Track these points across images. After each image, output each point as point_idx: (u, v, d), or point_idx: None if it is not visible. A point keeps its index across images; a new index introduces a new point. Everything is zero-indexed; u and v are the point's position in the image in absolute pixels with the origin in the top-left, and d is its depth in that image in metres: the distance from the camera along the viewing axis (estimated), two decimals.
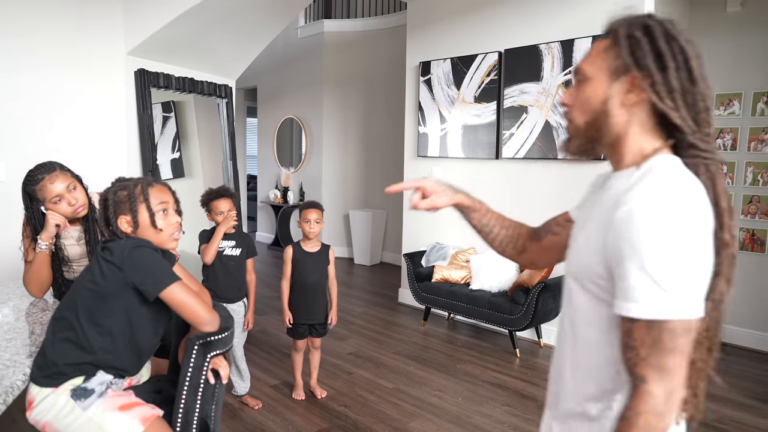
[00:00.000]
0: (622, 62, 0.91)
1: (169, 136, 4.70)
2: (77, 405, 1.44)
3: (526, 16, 4.13)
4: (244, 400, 3.04)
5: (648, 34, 0.90)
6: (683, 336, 0.82)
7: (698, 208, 0.83)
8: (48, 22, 3.49)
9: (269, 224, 8.42)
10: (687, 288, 0.81)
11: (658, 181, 0.85)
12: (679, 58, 0.89)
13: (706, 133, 0.90)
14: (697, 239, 0.82)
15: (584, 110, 0.97)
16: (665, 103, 0.89)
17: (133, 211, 1.56)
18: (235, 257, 2.92)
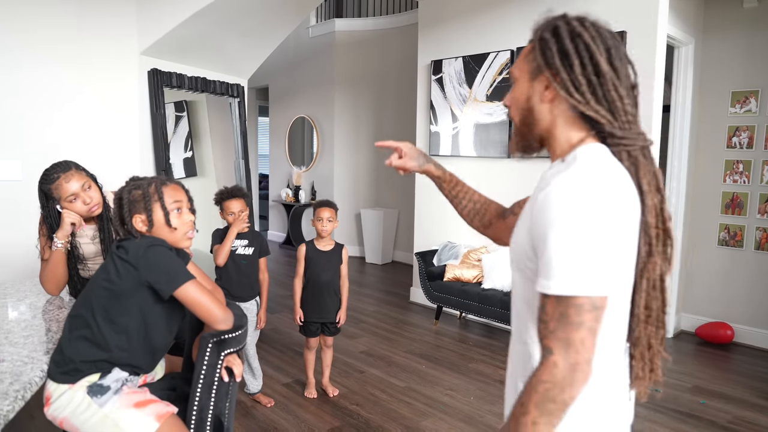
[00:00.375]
0: (536, 63, 1.00)
1: (182, 135, 4.73)
2: (93, 401, 1.46)
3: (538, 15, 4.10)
4: (256, 398, 3.06)
5: (555, 35, 0.98)
6: (589, 312, 0.86)
7: (610, 194, 0.89)
8: (63, 24, 3.52)
9: (281, 223, 8.46)
10: (592, 267, 0.86)
11: (578, 168, 0.92)
12: (584, 54, 0.95)
13: (623, 121, 0.96)
14: (605, 222, 0.87)
15: (516, 109, 1.06)
16: (574, 97, 0.96)
17: (147, 210, 1.57)
18: (247, 256, 2.93)
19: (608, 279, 0.88)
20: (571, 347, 0.86)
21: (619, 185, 0.92)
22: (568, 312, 0.87)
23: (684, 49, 4.10)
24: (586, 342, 0.86)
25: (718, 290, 4.23)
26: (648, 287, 0.98)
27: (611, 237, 0.88)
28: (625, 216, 0.92)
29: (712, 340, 4.10)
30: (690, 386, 3.36)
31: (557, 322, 0.87)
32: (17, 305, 2.09)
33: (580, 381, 0.87)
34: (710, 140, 4.23)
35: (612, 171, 0.93)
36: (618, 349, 1.01)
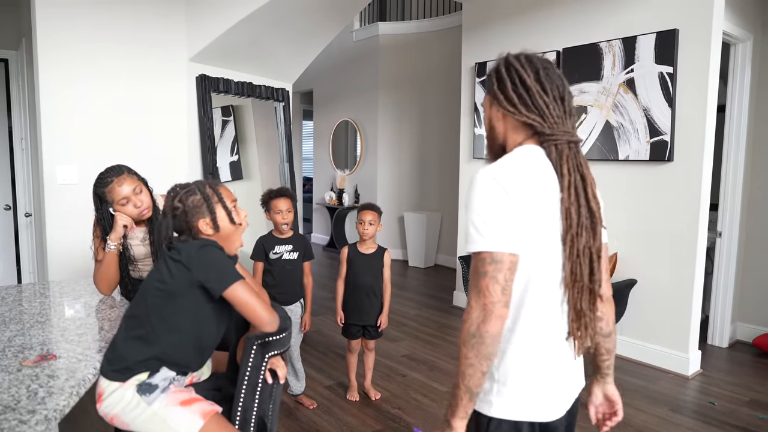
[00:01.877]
0: (490, 94, 1.29)
1: (228, 139, 4.83)
2: (142, 399, 1.50)
3: (586, 14, 4.02)
4: (299, 399, 3.09)
5: (496, 71, 1.27)
6: (490, 264, 1.10)
7: (510, 177, 1.13)
8: (119, 36, 3.66)
9: (324, 226, 8.53)
10: (489, 229, 1.11)
11: (498, 161, 1.20)
12: (515, 76, 1.23)
13: (551, 123, 1.21)
14: (499, 197, 1.11)
15: (485, 129, 1.36)
16: (509, 110, 1.23)
17: (211, 212, 1.62)
18: (292, 261, 2.95)
19: (505, 240, 1.10)
20: (480, 293, 1.10)
21: (527, 171, 1.17)
22: (476, 265, 1.12)
23: (741, 46, 3.94)
24: (489, 288, 1.09)
25: None
26: (572, 255, 1.18)
27: (505, 209, 1.11)
28: (531, 195, 1.14)
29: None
30: (747, 399, 3.21)
31: (473, 274, 1.13)
32: (73, 304, 2.17)
33: (491, 318, 1.08)
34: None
35: (524, 161, 1.18)
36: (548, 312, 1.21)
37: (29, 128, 3.98)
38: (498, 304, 1.09)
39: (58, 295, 2.31)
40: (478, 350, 1.09)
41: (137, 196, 2.21)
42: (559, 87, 1.24)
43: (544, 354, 1.22)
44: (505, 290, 1.10)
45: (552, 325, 1.22)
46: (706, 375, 3.56)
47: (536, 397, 1.21)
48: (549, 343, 1.22)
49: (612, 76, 3.84)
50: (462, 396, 1.13)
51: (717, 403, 3.13)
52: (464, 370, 1.11)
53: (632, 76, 3.71)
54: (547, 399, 1.22)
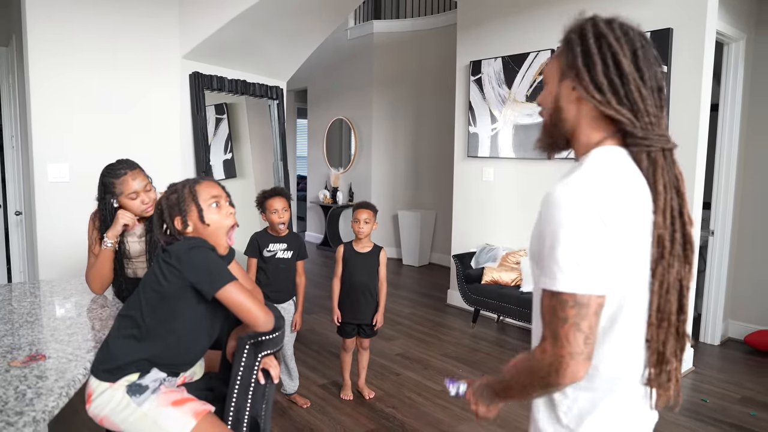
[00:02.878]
0: (564, 64, 1.02)
1: (222, 137, 4.81)
2: (132, 400, 1.49)
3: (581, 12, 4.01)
4: (292, 398, 3.08)
5: (581, 36, 1.00)
6: (572, 309, 0.90)
7: (606, 200, 0.91)
8: (108, 31, 3.63)
9: (318, 224, 8.52)
10: (578, 267, 0.90)
11: (582, 171, 0.96)
12: (607, 54, 0.96)
13: (645, 122, 0.97)
14: (594, 227, 0.90)
15: (546, 108, 1.08)
16: (595, 98, 0.97)
17: (182, 210, 1.61)
18: (286, 260, 2.94)
19: (594, 279, 0.90)
20: (557, 340, 0.91)
21: (625, 189, 0.95)
22: (555, 307, 0.92)
23: (734, 46, 3.95)
24: (569, 337, 0.90)
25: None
26: (660, 289, 0.99)
27: (599, 241, 0.91)
28: (628, 220, 0.93)
29: (763, 349, 3.92)
30: (739, 397, 3.22)
31: (550, 315, 0.93)
32: (63, 303, 2.15)
33: (566, 372, 0.91)
34: (762, 140, 4.05)
35: (620, 175, 0.96)
36: (634, 356, 1.02)
37: (20, 126, 3.94)
38: (579, 357, 0.91)
39: (48, 294, 2.29)
40: (545, 392, 0.98)
41: (146, 193, 2.22)
42: (657, 74, 0.98)
43: (623, 402, 1.02)
44: (588, 340, 0.91)
45: (634, 368, 1.03)
46: (698, 372, 3.57)
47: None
48: (629, 390, 1.03)
49: None
50: (511, 397, 1.06)
51: (709, 401, 3.14)
52: (522, 394, 1.02)
53: None
54: None
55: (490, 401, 1.15)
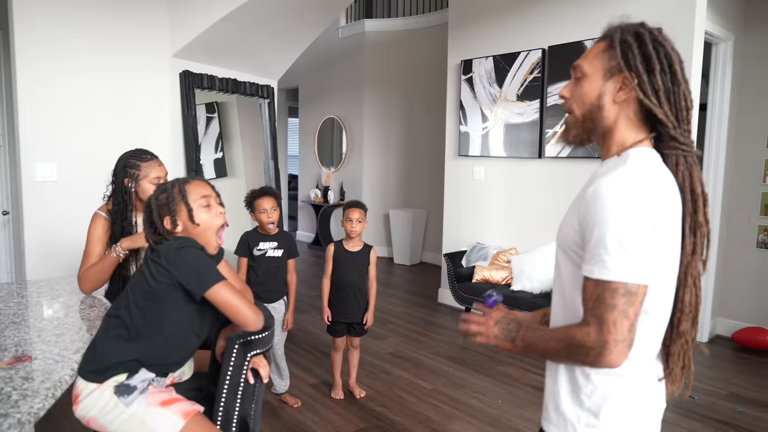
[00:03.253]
0: (616, 63, 1.05)
1: (213, 136, 4.79)
2: (120, 401, 1.48)
3: (571, 13, 4.03)
4: (283, 398, 3.07)
5: (638, 40, 1.03)
6: (623, 297, 0.95)
7: (653, 194, 0.97)
8: (97, 30, 3.60)
9: (310, 223, 8.50)
10: (629, 256, 0.95)
11: (628, 168, 1.00)
12: (665, 62, 1.02)
13: (685, 129, 1.04)
14: (645, 220, 0.95)
15: (582, 103, 1.10)
16: (651, 100, 1.02)
17: (172, 210, 1.60)
18: (276, 258, 2.94)
19: (643, 269, 0.96)
20: (604, 326, 0.95)
21: (664, 187, 1.00)
22: (603, 295, 0.96)
23: (723, 46, 3.98)
24: (617, 324, 0.95)
25: (756, 294, 4.09)
26: (691, 283, 1.06)
27: (648, 233, 0.96)
28: (667, 216, 0.99)
29: (750, 346, 3.96)
30: (726, 393, 3.25)
31: (594, 302, 0.97)
32: (51, 303, 2.13)
33: (608, 357, 0.96)
34: (749, 140, 4.09)
35: (658, 174, 1.01)
36: (655, 346, 1.09)
37: (7, 125, 3.90)
38: (622, 344, 0.95)
39: (35, 294, 2.26)
40: (568, 362, 1.04)
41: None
42: (690, 89, 1.05)
43: (643, 388, 1.08)
44: (632, 327, 0.96)
45: (654, 357, 1.09)
46: None
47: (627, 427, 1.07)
48: (648, 377, 1.09)
49: None
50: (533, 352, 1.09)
51: (697, 397, 3.17)
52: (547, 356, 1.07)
53: None
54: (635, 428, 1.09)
55: (507, 337, 1.15)
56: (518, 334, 1.13)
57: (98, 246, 2.22)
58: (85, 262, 2.22)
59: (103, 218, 2.25)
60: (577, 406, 1.08)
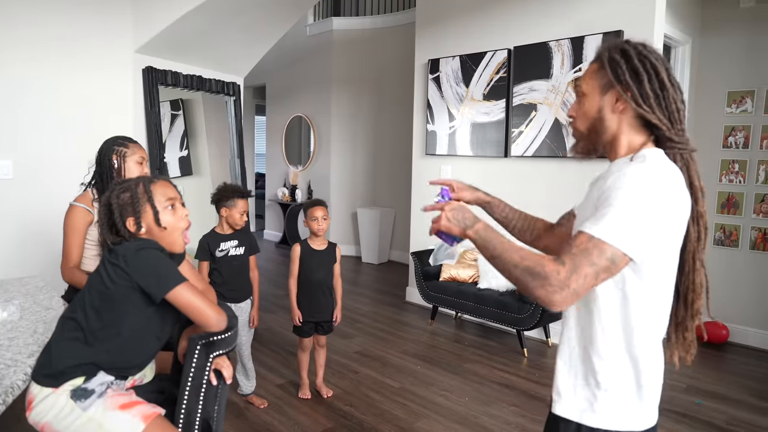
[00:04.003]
0: (608, 80, 1.16)
1: (178, 134, 4.70)
2: (77, 405, 1.43)
3: (536, 13, 4.09)
4: (249, 399, 3.03)
5: (625, 56, 1.14)
6: (606, 261, 1.01)
7: (670, 188, 1.06)
8: (57, 22, 3.49)
9: (277, 222, 8.43)
10: (631, 229, 1.01)
11: (649, 164, 1.08)
12: (651, 71, 1.12)
13: (679, 128, 1.14)
14: (659, 205, 1.03)
15: (585, 119, 1.22)
16: (643, 108, 1.12)
17: (136, 211, 1.55)
18: (239, 256, 2.90)
19: (638, 245, 1.02)
20: (575, 274, 1.00)
21: (678, 182, 1.09)
22: (591, 251, 1.01)
23: (681, 49, 4.09)
24: (587, 279, 1.00)
25: (713, 290, 4.21)
26: (699, 267, 1.17)
27: (657, 218, 1.03)
28: (678, 209, 1.08)
29: (708, 340, 4.08)
30: (685, 386, 3.35)
31: (579, 252, 1.02)
32: (6, 306, 2.06)
33: (556, 297, 1.00)
34: (707, 140, 4.21)
35: (674, 170, 1.11)
36: (659, 332, 1.16)
37: None
38: (575, 296, 1.01)
39: None
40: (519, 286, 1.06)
41: (144, 167, 2.35)
42: (680, 90, 1.15)
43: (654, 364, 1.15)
44: (593, 288, 1.05)
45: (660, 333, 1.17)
46: None
47: (640, 403, 1.15)
48: (656, 348, 1.16)
49: (561, 74, 3.92)
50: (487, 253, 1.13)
51: None
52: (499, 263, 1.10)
53: (580, 74, 3.80)
54: (648, 405, 1.16)
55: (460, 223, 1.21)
56: (473, 225, 1.20)
57: (78, 237, 2.16)
58: (68, 257, 2.16)
59: (82, 209, 2.19)
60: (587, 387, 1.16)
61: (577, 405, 1.17)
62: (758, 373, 3.59)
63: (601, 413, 1.14)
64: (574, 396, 1.18)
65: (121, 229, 1.56)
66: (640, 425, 1.15)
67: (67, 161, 3.51)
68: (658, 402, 1.19)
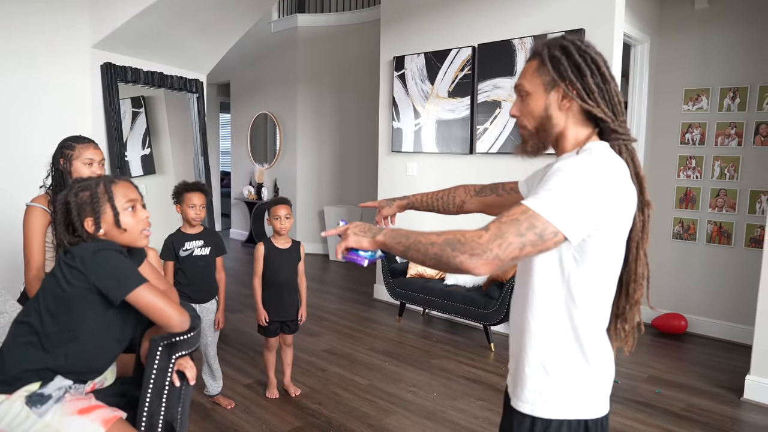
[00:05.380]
0: (551, 77, 1.15)
1: (140, 132, 4.61)
2: (33, 412, 1.38)
3: (500, 11, 4.13)
4: (216, 400, 3.00)
5: (565, 52, 1.13)
6: (535, 234, 1.00)
7: (614, 177, 1.07)
8: (8, 14, 3.37)
9: (243, 221, 8.33)
10: (570, 209, 1.01)
11: (595, 155, 1.10)
12: (593, 66, 1.13)
13: (622, 120, 1.15)
14: (600, 191, 1.03)
15: (532, 117, 1.21)
16: (588, 103, 1.13)
17: (96, 212, 1.51)
18: (204, 257, 2.86)
19: (574, 225, 1.02)
20: (499, 240, 1.00)
21: (624, 174, 1.10)
22: (522, 222, 1.00)
23: (640, 48, 4.19)
24: (510, 249, 0.99)
25: (673, 282, 4.35)
26: (642, 256, 1.18)
27: (598, 203, 1.03)
28: (623, 199, 1.08)
29: (667, 331, 4.21)
30: (646, 376, 3.44)
31: (509, 219, 1.02)
32: None
33: (476, 262, 1.00)
34: (665, 136, 4.33)
35: (620, 162, 1.12)
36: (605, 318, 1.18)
37: None
38: (496, 262, 1.00)
39: None
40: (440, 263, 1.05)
41: (100, 167, 2.24)
42: (618, 84, 1.17)
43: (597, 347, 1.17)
44: (515, 260, 1.02)
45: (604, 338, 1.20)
46: None
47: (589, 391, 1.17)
48: (603, 336, 1.19)
49: None
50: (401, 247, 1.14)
51: (620, 381, 3.33)
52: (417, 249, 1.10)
53: None
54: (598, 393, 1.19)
55: (366, 234, 1.21)
56: (379, 231, 1.20)
57: (38, 240, 2.10)
58: (29, 262, 2.08)
59: (40, 209, 2.12)
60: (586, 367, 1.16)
61: (528, 397, 1.19)
62: (715, 361, 3.72)
63: (551, 402, 1.16)
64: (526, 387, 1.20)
65: (78, 229, 1.51)
66: (591, 413, 1.16)
67: (23, 161, 3.40)
68: (609, 391, 1.21)
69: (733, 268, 4.08)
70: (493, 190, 1.56)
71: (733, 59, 4.00)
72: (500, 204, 1.52)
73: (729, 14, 4.00)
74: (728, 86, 4.02)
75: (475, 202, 1.58)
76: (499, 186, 1.55)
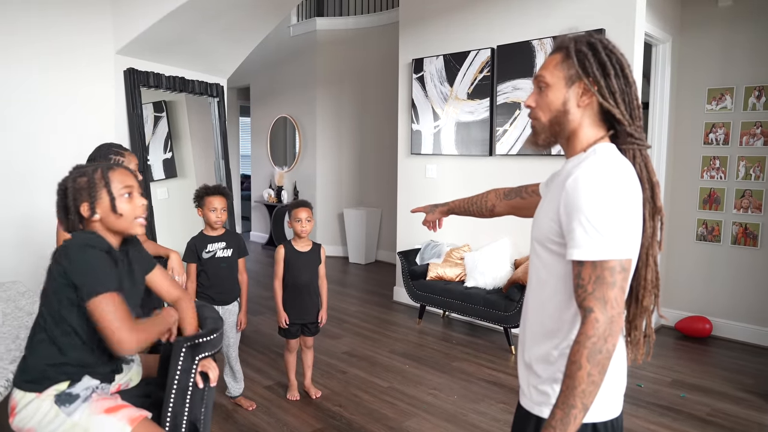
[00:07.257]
0: (575, 71, 1.14)
1: (161, 136, 4.66)
2: (62, 411, 1.42)
3: (519, 13, 4.11)
4: (237, 401, 3.02)
5: (592, 49, 1.13)
6: (620, 273, 1.03)
7: (627, 180, 1.07)
8: (37, 23, 3.45)
9: (263, 224, 8.39)
10: (619, 235, 1.02)
11: (600, 159, 1.10)
12: (617, 66, 1.12)
13: (638, 125, 1.15)
14: (625, 201, 1.05)
15: (548, 110, 1.19)
16: (609, 102, 1.12)
17: (92, 197, 1.50)
18: (227, 258, 2.89)
19: (629, 244, 1.05)
20: (608, 303, 1.01)
21: (631, 174, 1.10)
22: (603, 275, 1.02)
23: (662, 47, 4.13)
24: (618, 299, 1.02)
25: (697, 285, 4.28)
26: (651, 263, 1.16)
27: (629, 213, 1.05)
28: (635, 200, 1.08)
29: (692, 334, 4.14)
30: (670, 380, 3.39)
31: (594, 284, 1.02)
32: None
33: (616, 331, 1.01)
34: (688, 137, 4.27)
35: (624, 163, 1.11)
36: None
37: None
38: (621, 316, 1.02)
39: None
40: (603, 366, 1.01)
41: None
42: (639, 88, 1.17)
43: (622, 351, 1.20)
44: (624, 299, 1.04)
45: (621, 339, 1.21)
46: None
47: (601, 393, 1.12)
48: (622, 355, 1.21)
49: None
50: (578, 416, 1.02)
51: (643, 385, 3.29)
52: (585, 388, 1.01)
53: None
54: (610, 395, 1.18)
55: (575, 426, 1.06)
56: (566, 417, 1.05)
57: None
58: None
59: None
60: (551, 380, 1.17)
61: (536, 397, 1.20)
62: (740, 365, 3.65)
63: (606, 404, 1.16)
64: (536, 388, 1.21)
65: (72, 215, 1.52)
66: (600, 416, 1.15)
67: (48, 164, 3.47)
68: (621, 393, 1.20)
69: (759, 270, 4.00)
70: (517, 193, 1.59)
71: (757, 57, 3.93)
72: (525, 206, 1.55)
73: (753, 12, 3.93)
74: (753, 85, 3.95)
75: (503, 205, 1.63)
76: (522, 189, 1.58)
